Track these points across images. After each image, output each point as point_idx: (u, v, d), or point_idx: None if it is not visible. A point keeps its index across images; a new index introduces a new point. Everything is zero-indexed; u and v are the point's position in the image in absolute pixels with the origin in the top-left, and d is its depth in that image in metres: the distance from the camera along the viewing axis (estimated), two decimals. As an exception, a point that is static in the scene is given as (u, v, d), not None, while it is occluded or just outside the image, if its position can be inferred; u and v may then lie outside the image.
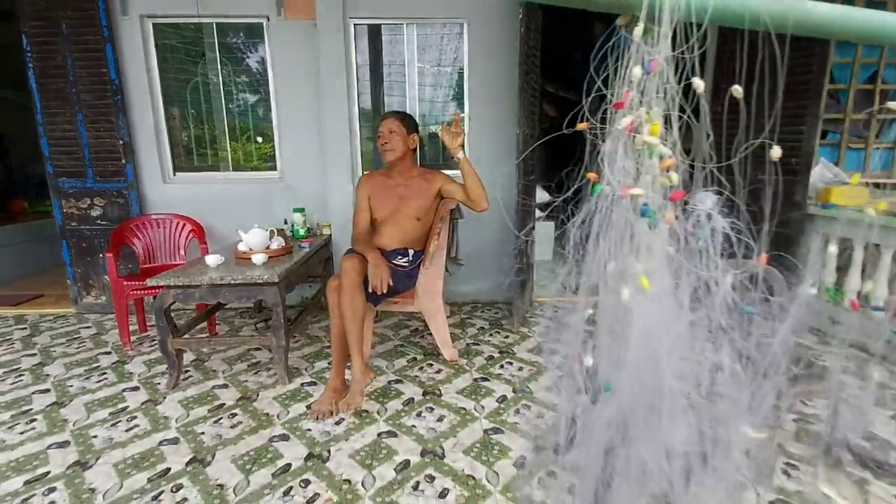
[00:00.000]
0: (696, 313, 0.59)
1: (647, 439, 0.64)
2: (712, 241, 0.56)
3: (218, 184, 3.38)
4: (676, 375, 0.60)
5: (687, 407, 0.63)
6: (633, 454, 0.65)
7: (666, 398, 0.61)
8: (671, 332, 0.58)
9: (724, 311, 0.59)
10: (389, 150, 2.31)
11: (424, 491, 1.58)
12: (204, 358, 2.66)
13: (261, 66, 3.30)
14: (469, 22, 3.17)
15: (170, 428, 1.96)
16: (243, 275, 2.21)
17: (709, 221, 0.56)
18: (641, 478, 0.66)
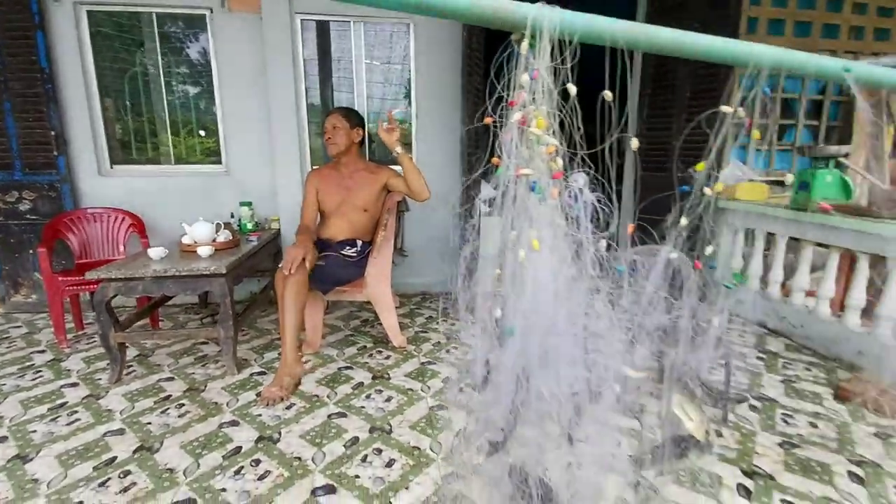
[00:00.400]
0: (575, 268, 0.74)
1: (545, 374, 0.79)
2: (584, 211, 0.72)
3: (159, 177, 3.30)
4: (564, 320, 0.76)
5: (574, 346, 0.79)
6: (533, 387, 0.80)
7: (557, 339, 0.76)
8: (557, 283, 0.73)
9: (596, 266, 0.75)
10: (333, 144, 2.39)
11: (372, 462, 1.69)
12: (147, 353, 2.62)
13: (204, 57, 3.26)
14: (414, 23, 3.29)
15: (114, 420, 1.95)
16: (189, 266, 2.21)
17: (581, 195, 0.71)
18: (542, 405, 0.81)
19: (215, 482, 1.58)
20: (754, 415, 2.01)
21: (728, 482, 1.59)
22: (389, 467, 1.66)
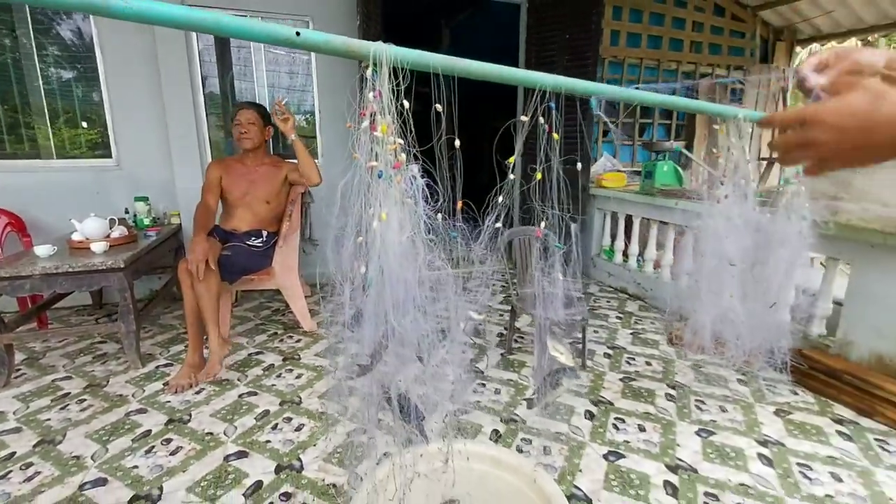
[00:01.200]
0: (415, 234, 1.01)
1: (403, 316, 1.06)
2: (418, 192, 0.99)
3: (39, 172, 3.10)
4: (410, 273, 1.02)
5: (420, 291, 1.06)
6: (393, 327, 1.06)
7: (406, 289, 1.02)
8: (402, 245, 0.99)
9: (430, 232, 1.02)
10: (248, 139, 2.48)
11: (283, 429, 1.87)
12: (37, 356, 2.52)
13: (87, 46, 3.10)
14: (313, 19, 3.40)
15: (8, 420, 1.92)
16: (83, 262, 2.19)
17: (415, 181, 0.98)
18: (402, 343, 1.07)
19: (126, 462, 1.67)
20: (606, 360, 2.48)
21: (578, 410, 2.00)
22: (298, 431, 1.85)
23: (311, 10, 3.38)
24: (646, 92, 1.21)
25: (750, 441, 1.80)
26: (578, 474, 1.61)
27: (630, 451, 1.74)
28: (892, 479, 1.60)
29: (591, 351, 2.58)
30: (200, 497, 1.50)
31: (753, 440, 1.81)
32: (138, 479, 1.58)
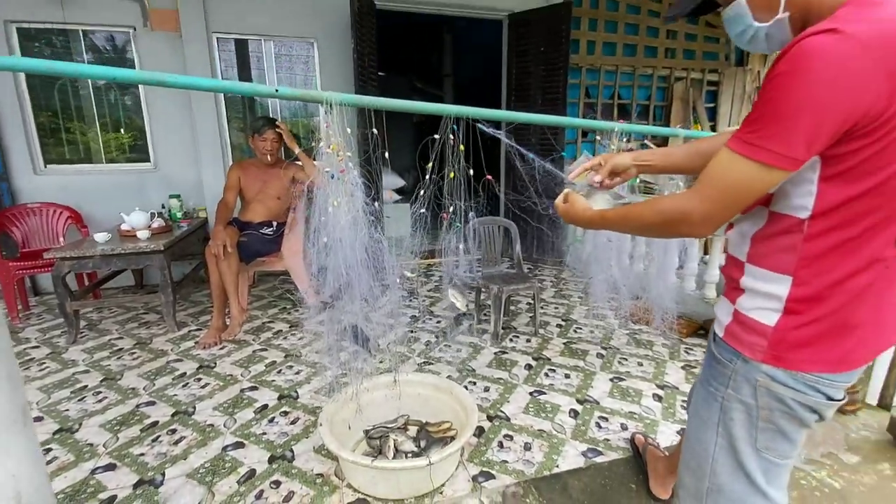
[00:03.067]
0: (357, 218, 1.52)
1: (354, 276, 1.56)
2: (357, 187, 1.50)
3: (92, 175, 3.72)
4: (359, 244, 1.53)
5: (365, 256, 1.57)
6: (350, 282, 1.57)
7: (353, 252, 1.53)
8: (349, 224, 1.51)
9: (369, 216, 1.52)
10: (271, 154, 3.01)
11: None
12: (95, 322, 3.13)
13: (130, 66, 3.70)
14: (317, 40, 3.94)
15: (78, 365, 2.51)
16: (132, 246, 2.77)
17: (356, 179, 1.49)
18: (356, 294, 1.57)
19: (168, 391, 2.23)
20: (557, 329, 2.95)
21: (521, 364, 2.48)
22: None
23: (315, 34, 3.91)
24: (525, 114, 1.71)
25: (651, 385, 2.26)
26: (506, 404, 2.10)
27: (552, 391, 2.21)
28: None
29: (546, 322, 3.05)
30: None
31: (654, 385, 2.26)
32: (178, 403, 2.13)
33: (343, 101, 1.46)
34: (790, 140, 0.68)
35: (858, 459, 1.76)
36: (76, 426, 1.96)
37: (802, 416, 0.84)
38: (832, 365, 0.80)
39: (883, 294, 0.79)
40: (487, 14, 4.38)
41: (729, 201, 0.75)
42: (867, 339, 0.81)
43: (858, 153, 0.68)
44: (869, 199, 0.71)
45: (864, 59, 0.63)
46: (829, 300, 0.77)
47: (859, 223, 0.73)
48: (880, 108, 0.64)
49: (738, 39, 0.87)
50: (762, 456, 0.89)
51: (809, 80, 0.65)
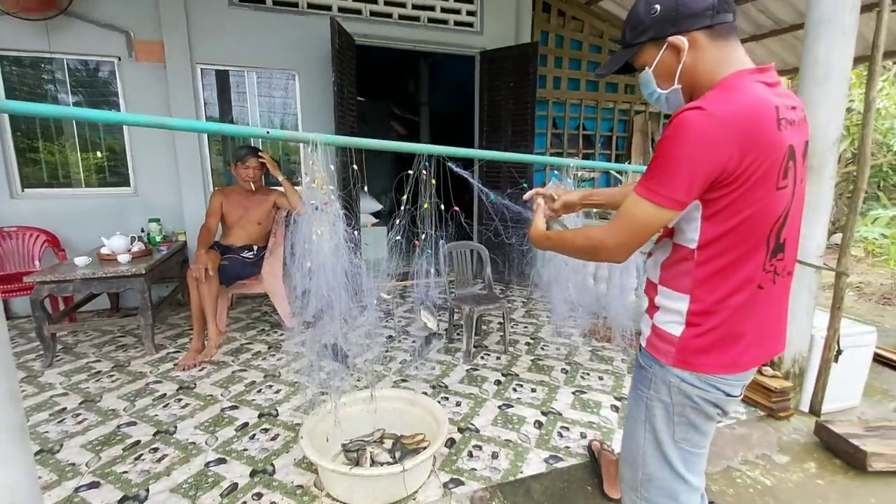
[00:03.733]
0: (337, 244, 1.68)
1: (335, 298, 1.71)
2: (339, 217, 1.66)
3: (71, 199, 3.76)
4: (339, 269, 1.68)
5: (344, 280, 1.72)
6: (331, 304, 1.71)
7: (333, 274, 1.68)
8: (331, 251, 1.67)
9: (350, 243, 1.68)
10: (253, 181, 3.13)
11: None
12: (71, 346, 3.14)
13: (113, 97, 3.80)
14: (299, 73, 4.13)
15: (56, 388, 2.54)
16: (113, 270, 2.84)
17: (338, 211, 1.65)
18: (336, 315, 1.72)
19: (148, 412, 2.29)
20: (526, 347, 3.13)
21: (491, 380, 2.64)
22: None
23: (297, 67, 4.10)
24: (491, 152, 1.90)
25: (609, 397, 2.44)
26: (476, 417, 2.25)
27: (518, 404, 2.37)
28: (699, 418, 2.25)
29: (516, 340, 3.23)
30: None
31: (612, 397, 2.45)
32: (159, 423, 2.20)
33: (327, 142, 1.63)
34: (673, 186, 0.88)
35: (788, 459, 1.97)
36: (57, 447, 2.00)
37: (707, 411, 1.03)
38: (725, 367, 1.00)
39: (763, 310, 1.00)
40: (461, 51, 4.67)
41: (635, 233, 0.94)
42: (751, 347, 1.01)
43: (724, 199, 0.89)
44: (735, 235, 0.91)
45: (720, 131, 0.84)
46: (716, 314, 0.97)
47: (732, 252, 0.93)
48: (733, 166, 0.85)
49: (648, 98, 1.09)
50: (680, 446, 1.08)
51: (683, 143, 0.86)
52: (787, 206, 0.93)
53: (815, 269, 2.19)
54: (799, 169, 0.95)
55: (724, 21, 0.92)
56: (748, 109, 0.86)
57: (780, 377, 2.30)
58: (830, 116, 2.06)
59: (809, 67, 2.09)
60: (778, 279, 0.99)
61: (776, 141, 0.87)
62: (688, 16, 0.92)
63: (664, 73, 0.99)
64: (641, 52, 1.01)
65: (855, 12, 2.00)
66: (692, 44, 0.93)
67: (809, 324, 2.29)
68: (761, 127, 0.86)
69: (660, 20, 0.95)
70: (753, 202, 0.89)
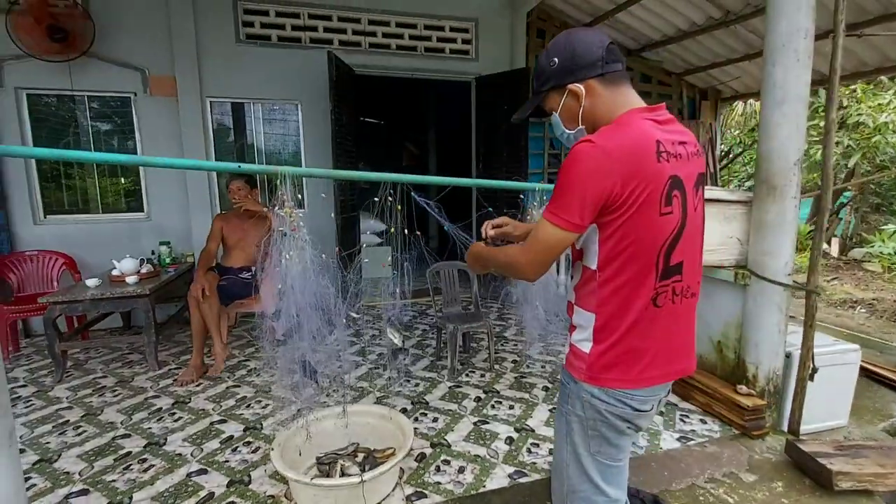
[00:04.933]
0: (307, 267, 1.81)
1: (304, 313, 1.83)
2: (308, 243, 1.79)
3: (89, 224, 4.03)
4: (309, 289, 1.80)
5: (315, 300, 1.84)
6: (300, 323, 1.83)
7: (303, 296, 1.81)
8: (301, 273, 1.80)
9: (320, 266, 1.81)
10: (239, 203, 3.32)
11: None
12: (81, 362, 3.34)
13: (129, 129, 4.09)
14: (301, 103, 4.36)
15: (62, 402, 2.71)
16: (120, 290, 3.03)
17: (305, 236, 1.78)
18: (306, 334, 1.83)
19: (143, 425, 2.43)
20: (512, 364, 3.18)
21: (471, 397, 2.70)
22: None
23: (299, 97, 4.34)
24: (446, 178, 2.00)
25: (586, 415, 2.47)
26: (450, 433, 2.31)
27: (494, 421, 2.43)
28: (672, 437, 2.26)
29: (503, 358, 3.28)
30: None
31: (589, 414, 2.48)
32: (151, 435, 2.33)
33: (295, 174, 1.77)
34: (569, 210, 0.96)
35: (755, 478, 1.97)
36: (55, 457, 2.15)
37: (616, 425, 1.09)
38: (631, 383, 1.06)
39: (665, 329, 1.06)
40: (457, 77, 4.85)
41: (542, 253, 1.02)
42: (655, 364, 1.07)
43: (614, 222, 0.98)
44: (626, 255, 0.99)
45: (605, 160, 0.93)
46: (616, 330, 1.04)
47: (625, 272, 1.01)
48: (618, 191, 0.94)
49: (560, 138, 1.18)
50: (596, 459, 1.14)
51: (575, 172, 0.96)
52: (672, 231, 1.01)
53: (783, 287, 2.21)
54: (690, 198, 1.04)
55: (613, 70, 1.04)
56: (630, 142, 0.96)
57: (754, 395, 2.30)
58: (790, 137, 2.11)
59: (768, 91, 2.15)
60: (678, 299, 1.06)
61: (656, 171, 0.96)
62: (581, 67, 1.04)
63: (568, 116, 1.10)
64: (547, 99, 1.12)
65: (809, 38, 2.07)
66: (588, 90, 1.05)
67: (782, 341, 2.30)
68: (642, 158, 0.95)
69: (558, 71, 1.06)
70: (639, 226, 0.97)
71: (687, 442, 2.22)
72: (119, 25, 3.84)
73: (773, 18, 2.10)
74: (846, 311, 5.25)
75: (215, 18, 4.06)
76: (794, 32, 2.06)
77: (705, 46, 4.98)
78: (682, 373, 1.13)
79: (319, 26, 4.36)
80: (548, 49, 1.10)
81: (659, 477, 1.96)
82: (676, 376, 1.13)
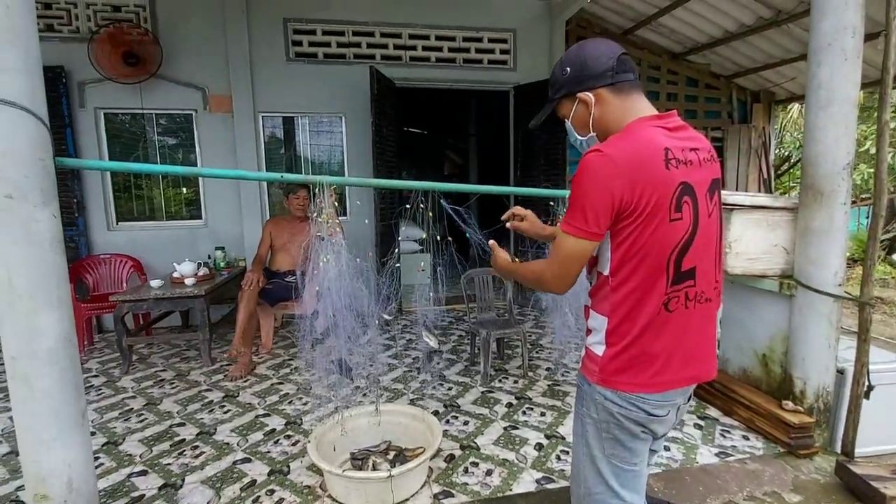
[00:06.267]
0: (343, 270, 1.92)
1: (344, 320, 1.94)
2: (344, 247, 1.91)
3: (154, 230, 4.40)
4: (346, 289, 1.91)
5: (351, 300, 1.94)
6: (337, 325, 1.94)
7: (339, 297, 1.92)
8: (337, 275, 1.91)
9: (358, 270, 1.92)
10: (302, 210, 3.56)
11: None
12: (144, 357, 3.64)
13: (191, 144, 4.44)
14: (345, 115, 4.57)
15: (128, 392, 2.98)
16: (179, 291, 3.30)
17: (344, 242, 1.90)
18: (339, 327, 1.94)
19: (197, 415, 2.63)
20: (545, 371, 3.17)
21: (503, 402, 2.72)
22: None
23: (343, 110, 4.56)
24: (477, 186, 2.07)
25: (619, 425, 2.43)
26: (480, 436, 2.35)
27: (525, 427, 2.44)
28: (709, 451, 2.18)
29: (537, 366, 3.28)
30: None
31: (622, 425, 2.43)
32: (203, 425, 2.52)
33: (332, 183, 1.88)
34: (584, 219, 0.99)
35: (800, 499, 1.87)
36: (121, 440, 2.37)
37: (630, 428, 1.10)
38: (643, 387, 1.07)
39: (678, 334, 1.07)
40: (496, 87, 4.92)
41: (565, 265, 1.05)
42: (671, 367, 1.07)
43: (626, 229, 1.00)
44: (637, 260, 1.01)
45: (613, 168, 0.97)
46: (628, 334, 1.05)
47: (636, 277, 1.02)
48: (627, 198, 0.97)
49: (574, 143, 1.22)
50: (610, 461, 1.14)
51: (585, 182, 1.00)
52: (683, 237, 1.01)
53: (833, 298, 2.10)
54: (702, 204, 1.04)
55: (624, 80, 1.07)
56: (637, 150, 0.98)
57: (801, 412, 2.19)
58: (838, 140, 2.02)
59: (813, 93, 2.07)
60: (692, 304, 1.06)
61: (664, 177, 0.98)
62: (592, 76, 1.08)
63: (579, 123, 1.14)
64: (560, 106, 1.17)
65: (858, 36, 1.97)
66: (598, 98, 1.08)
67: (832, 356, 2.17)
68: (649, 165, 0.98)
69: (570, 80, 1.11)
70: (648, 232, 0.99)
71: (726, 458, 2.14)
72: (182, 49, 4.19)
73: (817, 16, 2.02)
74: (916, 326, 4.81)
75: (267, 39, 4.35)
76: (840, 30, 1.97)
77: (756, 47, 4.78)
78: (698, 378, 1.12)
79: (363, 42, 4.57)
80: (562, 59, 1.14)
81: (693, 491, 1.91)
82: (693, 382, 1.12)
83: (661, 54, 5.31)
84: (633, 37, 5.16)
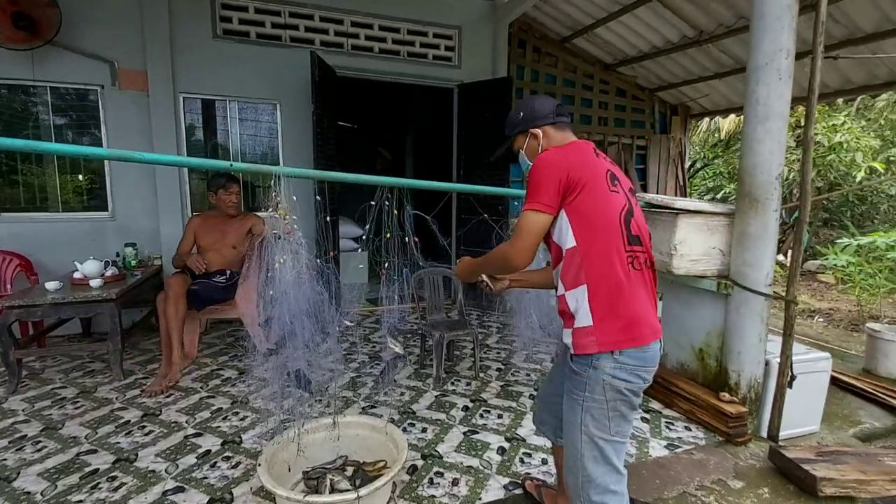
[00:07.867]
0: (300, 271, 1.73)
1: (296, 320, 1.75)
2: (302, 245, 1.72)
3: (47, 223, 3.77)
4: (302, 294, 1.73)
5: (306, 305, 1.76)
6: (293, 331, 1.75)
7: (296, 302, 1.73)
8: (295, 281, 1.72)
9: (311, 270, 1.74)
10: (235, 207, 3.21)
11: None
12: (37, 372, 3.10)
13: (95, 123, 3.86)
14: (280, 103, 4.24)
15: (18, 415, 2.50)
16: (83, 295, 2.83)
17: (300, 239, 1.71)
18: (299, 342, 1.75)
19: (110, 440, 2.26)
20: (496, 373, 3.16)
21: (458, 406, 2.66)
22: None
23: (279, 97, 4.22)
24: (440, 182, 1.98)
25: (574, 423, 2.47)
26: (440, 443, 2.26)
27: (484, 430, 2.40)
28: (660, 444, 2.29)
29: (487, 367, 3.26)
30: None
31: (577, 423, 2.48)
32: (120, 451, 2.17)
33: (290, 174, 1.70)
34: (542, 196, 1.23)
35: (743, 485, 2.02)
36: (13, 475, 1.97)
37: (632, 401, 1.25)
38: (634, 340, 1.22)
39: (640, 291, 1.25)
40: (440, 83, 4.84)
41: (528, 237, 1.24)
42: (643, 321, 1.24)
43: (575, 201, 1.23)
44: (593, 220, 1.23)
45: (560, 157, 1.26)
46: (607, 292, 1.22)
47: (598, 237, 1.23)
48: (572, 176, 1.22)
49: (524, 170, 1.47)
50: (613, 440, 1.25)
51: (540, 169, 1.26)
52: (624, 206, 1.27)
53: (764, 297, 2.29)
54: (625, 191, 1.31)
55: (561, 120, 1.42)
56: (575, 147, 1.33)
57: (736, 402, 2.37)
58: (772, 152, 2.20)
59: (752, 107, 2.24)
60: (644, 267, 1.28)
61: (595, 161, 1.29)
62: (540, 117, 1.42)
63: (531, 152, 1.45)
64: (515, 140, 1.49)
65: (790, 58, 2.16)
66: (544, 133, 1.42)
67: (762, 350, 2.37)
68: (584, 154, 1.30)
69: (523, 120, 1.44)
70: (595, 197, 1.24)
71: (674, 449, 2.26)
72: (88, 15, 3.63)
73: (758, 36, 2.19)
74: (805, 320, 5.52)
75: (191, 12, 3.90)
76: (777, 51, 2.15)
77: (678, 63, 5.18)
78: (658, 333, 1.28)
79: (301, 25, 4.26)
80: (516, 107, 1.49)
81: (651, 485, 1.98)
82: (658, 336, 1.28)
83: (594, 63, 5.57)
84: (570, 45, 5.36)
